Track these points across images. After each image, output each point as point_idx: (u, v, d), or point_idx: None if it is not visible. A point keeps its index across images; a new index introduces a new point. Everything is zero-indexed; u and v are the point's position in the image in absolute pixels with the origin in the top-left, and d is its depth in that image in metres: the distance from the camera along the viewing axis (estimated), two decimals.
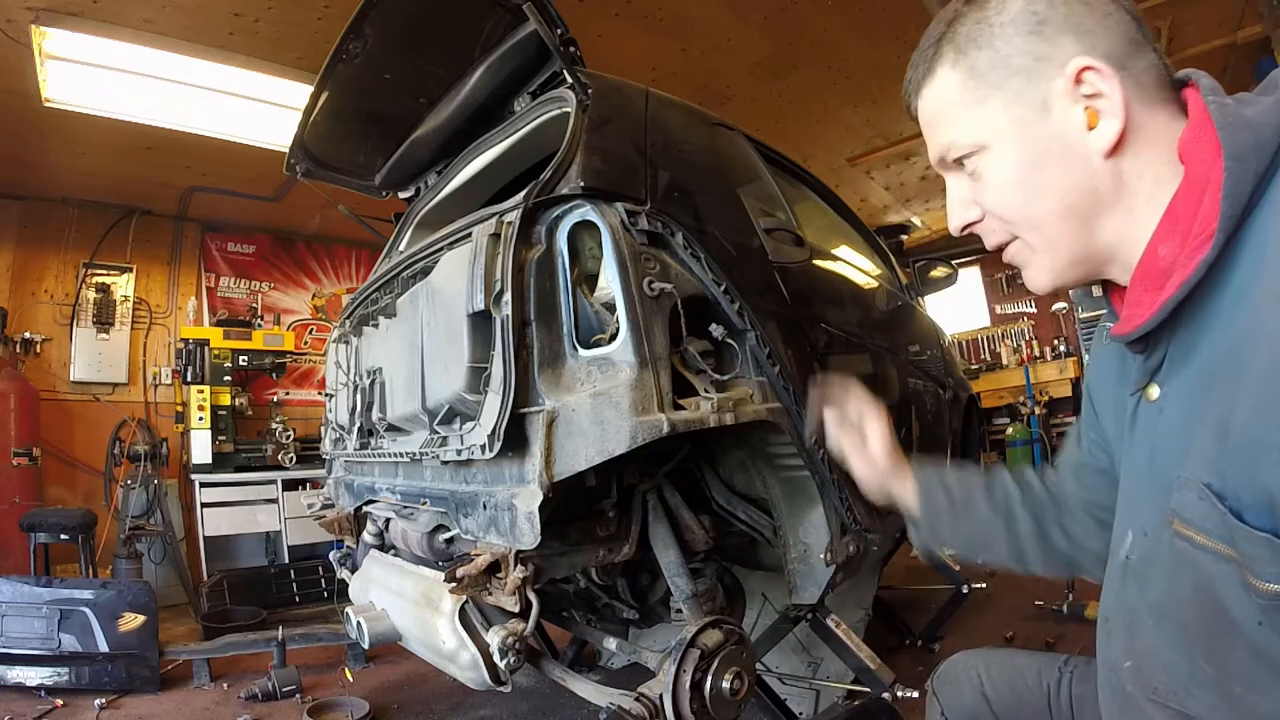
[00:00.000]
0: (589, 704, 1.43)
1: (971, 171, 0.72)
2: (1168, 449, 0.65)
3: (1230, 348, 0.58)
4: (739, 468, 1.69)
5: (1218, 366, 0.59)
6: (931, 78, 0.72)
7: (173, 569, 4.42)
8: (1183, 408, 0.63)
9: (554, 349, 1.27)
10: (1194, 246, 0.59)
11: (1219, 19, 3.77)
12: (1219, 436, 0.57)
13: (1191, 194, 0.60)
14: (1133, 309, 0.66)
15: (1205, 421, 0.59)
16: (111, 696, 2.60)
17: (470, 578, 1.20)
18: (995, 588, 3.34)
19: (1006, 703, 0.97)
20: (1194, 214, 0.59)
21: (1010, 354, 7.25)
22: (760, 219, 1.77)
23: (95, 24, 2.94)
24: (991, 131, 0.68)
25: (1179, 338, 0.64)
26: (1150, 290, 0.63)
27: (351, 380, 1.98)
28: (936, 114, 0.73)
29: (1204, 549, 0.59)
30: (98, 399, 4.72)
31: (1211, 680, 0.61)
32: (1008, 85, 0.67)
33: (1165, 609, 0.66)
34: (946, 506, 1.00)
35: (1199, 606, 0.62)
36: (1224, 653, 0.60)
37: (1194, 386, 0.62)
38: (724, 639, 1.29)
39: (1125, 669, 0.72)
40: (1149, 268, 0.64)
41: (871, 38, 3.73)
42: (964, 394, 3.15)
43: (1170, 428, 0.65)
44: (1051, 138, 0.66)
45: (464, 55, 1.90)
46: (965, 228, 0.75)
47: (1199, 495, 0.58)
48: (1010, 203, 0.69)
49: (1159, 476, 0.65)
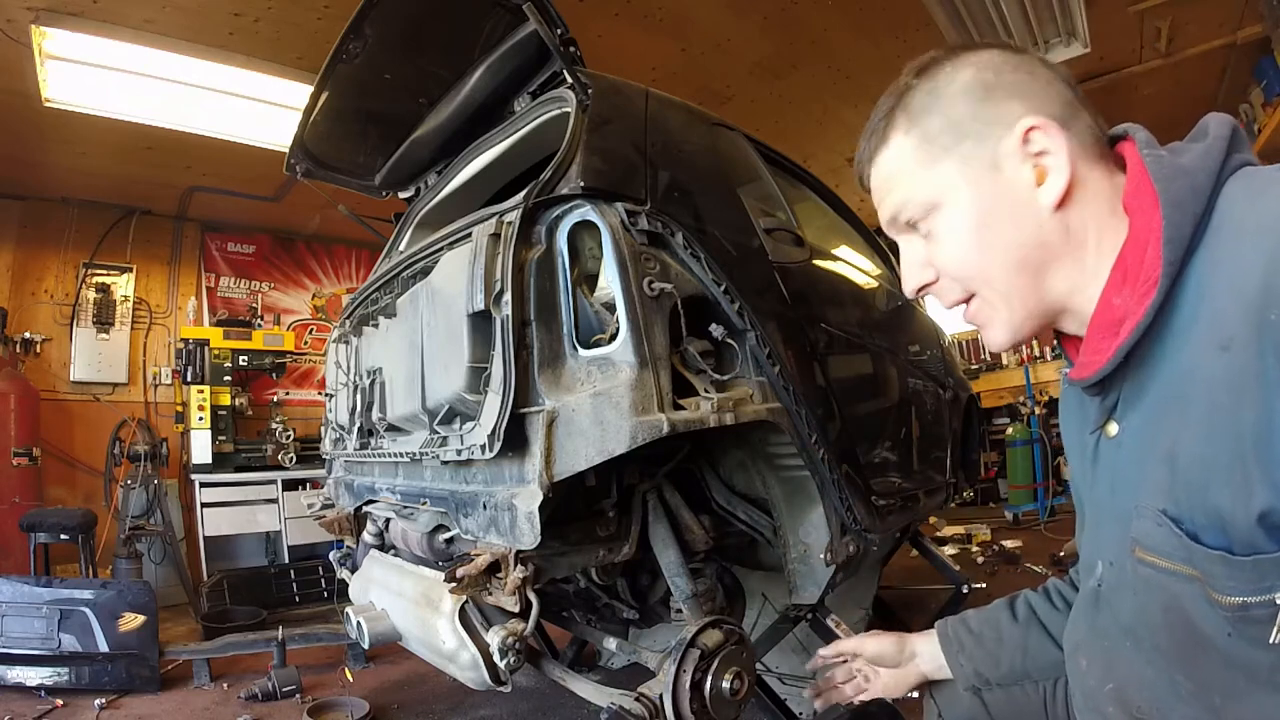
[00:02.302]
0: (589, 704, 1.43)
1: (926, 233, 0.74)
2: (1126, 480, 0.68)
3: (1175, 384, 0.61)
4: (739, 468, 1.69)
5: (1165, 402, 0.62)
6: (885, 145, 0.75)
7: (173, 569, 4.42)
8: (1137, 441, 0.67)
9: (554, 349, 1.27)
10: (1141, 293, 0.62)
11: (1219, 19, 3.77)
12: (1169, 465, 0.61)
13: (1138, 245, 0.64)
14: (1090, 355, 0.68)
15: (1157, 453, 0.62)
16: (111, 696, 2.60)
17: (470, 578, 1.20)
18: (995, 588, 3.34)
19: (1003, 706, 0.98)
20: (1140, 262, 0.63)
21: (1010, 354, 7.24)
22: (760, 219, 1.76)
23: (95, 24, 2.94)
24: (944, 190, 0.71)
25: (1131, 378, 0.67)
26: (1107, 337, 0.66)
27: (351, 380, 1.98)
28: (890, 178, 0.75)
29: (1167, 572, 0.62)
30: (98, 399, 4.72)
31: (1192, 694, 0.64)
32: (958, 148, 0.70)
33: (1139, 632, 0.69)
34: (972, 646, 1.01)
35: (1170, 626, 0.64)
36: (1200, 667, 0.63)
37: (1145, 421, 0.66)
38: (724, 639, 1.29)
39: (1106, 693, 0.74)
40: (1104, 317, 0.67)
41: (871, 38, 3.73)
42: (964, 394, 3.14)
43: (1128, 460, 0.68)
44: (1002, 194, 0.68)
45: (464, 55, 1.90)
46: (921, 289, 0.77)
47: (1156, 522, 0.62)
48: (964, 258, 0.71)
49: (1119, 507, 0.68)
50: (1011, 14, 3.23)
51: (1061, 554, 3.76)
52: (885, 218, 0.78)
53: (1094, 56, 3.63)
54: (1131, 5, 3.57)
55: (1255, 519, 0.53)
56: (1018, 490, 5.68)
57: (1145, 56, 4.07)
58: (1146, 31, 3.83)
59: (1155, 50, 3.98)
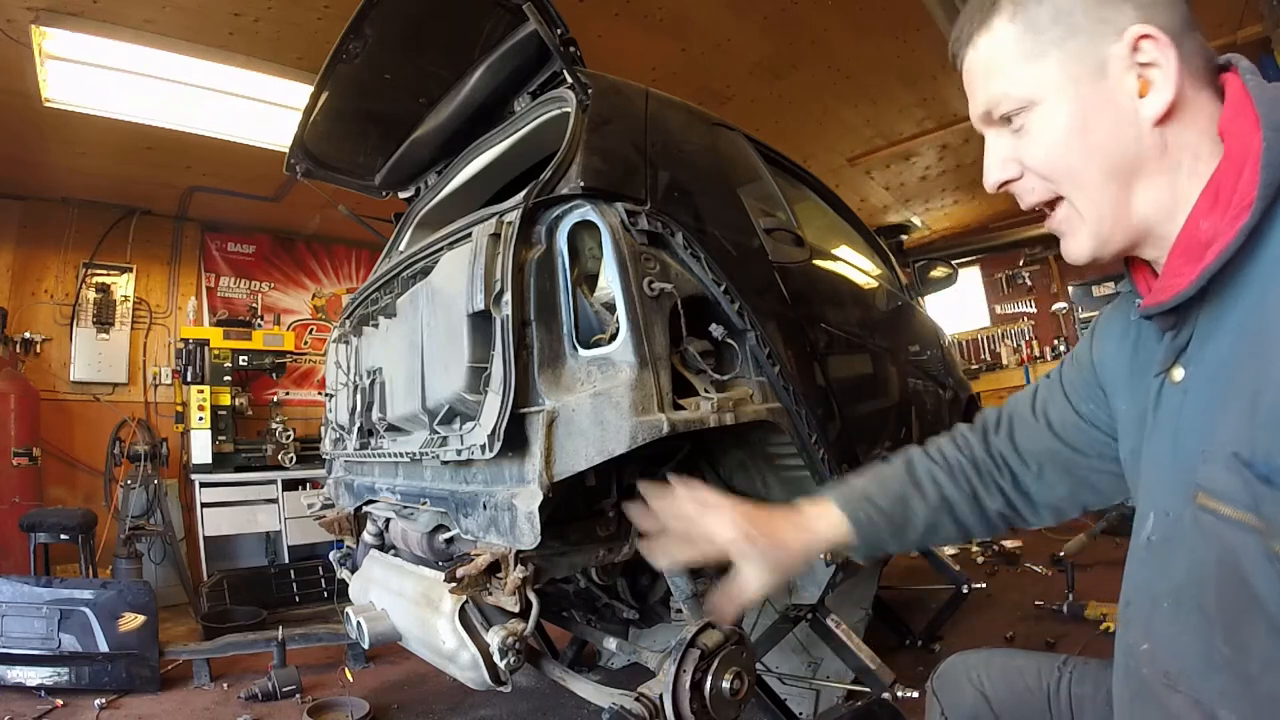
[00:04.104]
0: (589, 704, 1.43)
1: (1019, 128, 0.71)
2: (1192, 427, 0.65)
3: (1261, 317, 0.59)
4: (739, 468, 1.69)
5: (1249, 336, 0.60)
6: (987, 28, 0.71)
7: (173, 569, 4.42)
8: (1210, 383, 0.64)
9: (554, 349, 1.27)
10: (1233, 215, 0.60)
11: (1219, 19, 3.77)
12: (1251, 406, 0.58)
13: (1232, 168, 0.62)
14: (1170, 279, 0.66)
15: (1236, 393, 0.60)
16: (111, 696, 2.61)
17: (470, 578, 1.20)
18: (995, 588, 3.35)
19: (1006, 703, 0.97)
20: (1234, 187, 0.61)
21: (1010, 354, 7.25)
22: (760, 219, 1.77)
23: (95, 24, 2.94)
24: (1045, 87, 0.68)
25: (1208, 312, 0.65)
26: (1190, 262, 0.64)
27: (351, 380, 1.98)
28: (988, 66, 0.72)
29: (1228, 520, 0.60)
30: (98, 399, 4.72)
31: (1228, 662, 0.61)
32: (1065, 44, 0.67)
33: (1185, 590, 0.66)
34: (885, 526, 0.94)
35: (1221, 583, 0.62)
36: (1243, 630, 0.60)
37: (1224, 360, 0.63)
38: (724, 639, 1.29)
39: (1142, 652, 0.72)
40: (1191, 239, 0.64)
41: (871, 38, 3.73)
42: (964, 394, 3.14)
43: (1196, 407, 0.66)
44: (1104, 99, 0.66)
45: (464, 55, 1.90)
46: (1002, 184, 0.74)
47: (1226, 466, 0.59)
48: (1058, 160, 0.69)
49: (1183, 456, 0.66)
50: None
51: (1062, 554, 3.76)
52: (977, 111, 0.74)
53: None
54: None
55: None
56: None
57: None
58: None
59: None
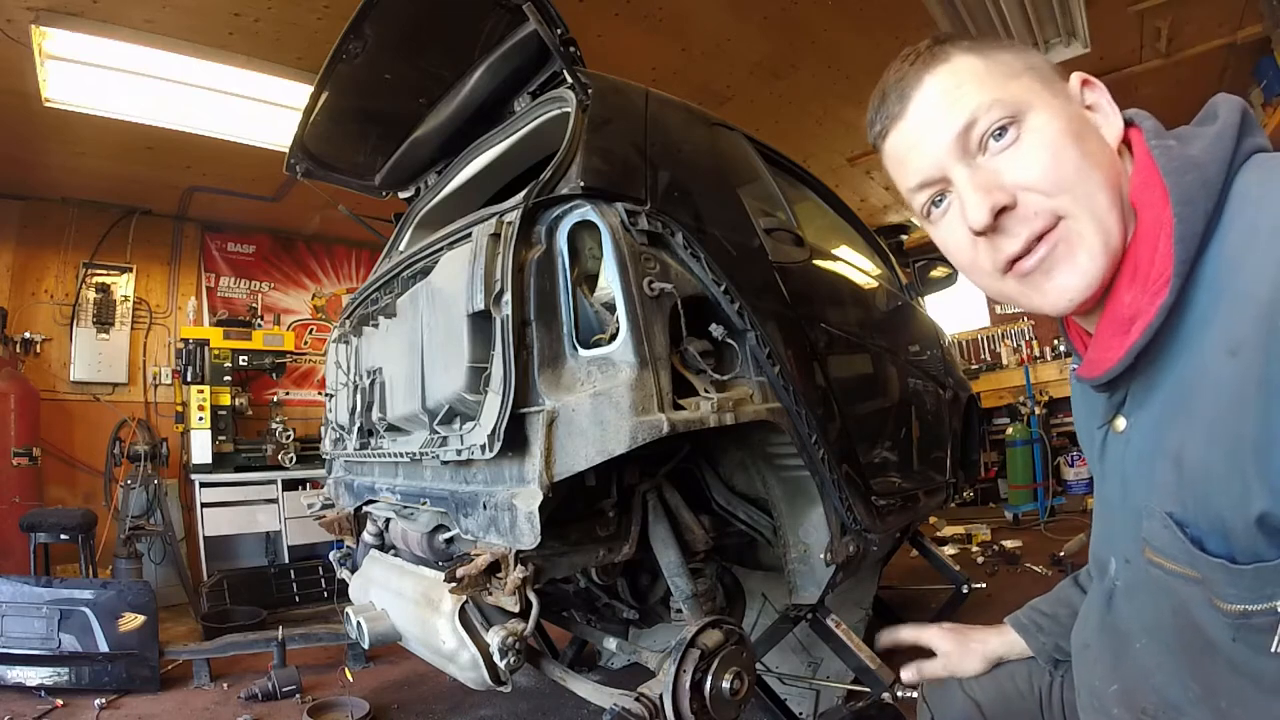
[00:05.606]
0: (589, 704, 1.43)
1: (1011, 141, 0.64)
2: (1137, 478, 0.67)
3: (1183, 387, 0.60)
4: (739, 468, 1.69)
5: (1174, 403, 0.61)
6: (945, 62, 0.67)
7: (173, 569, 4.42)
8: (1146, 440, 0.65)
9: (554, 349, 1.27)
10: (1153, 293, 0.60)
11: (1219, 19, 3.77)
12: (1176, 468, 0.60)
13: (1148, 239, 0.61)
14: (1100, 353, 0.67)
15: (1164, 454, 0.61)
16: (111, 696, 2.60)
17: (470, 578, 1.20)
18: (995, 588, 3.35)
19: (997, 708, 0.97)
20: (1152, 260, 0.61)
21: (1010, 354, 7.24)
22: (760, 219, 1.77)
23: (95, 24, 2.94)
24: (1032, 95, 0.65)
25: (1140, 375, 0.65)
26: (1117, 334, 0.64)
27: (351, 380, 1.98)
28: (961, 86, 0.66)
29: (1174, 574, 0.62)
30: (98, 399, 4.72)
31: (1200, 698, 0.63)
32: (1034, 71, 0.68)
33: (1153, 632, 0.68)
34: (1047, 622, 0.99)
35: (1179, 628, 0.64)
36: (1207, 671, 0.62)
37: (1154, 421, 0.64)
38: (724, 639, 1.29)
39: (1111, 693, 0.73)
40: (1115, 314, 0.64)
41: (871, 38, 3.73)
42: (964, 394, 3.14)
43: (1137, 458, 0.67)
44: (1081, 114, 0.67)
45: (464, 55, 1.90)
46: (999, 211, 0.64)
47: (1163, 524, 0.61)
48: (1063, 165, 0.62)
49: (1131, 505, 0.67)
50: (1011, 14, 3.22)
51: (1061, 554, 3.76)
52: (952, 132, 0.65)
53: (1094, 56, 3.62)
54: (1131, 5, 3.57)
55: (1254, 523, 0.53)
56: (1018, 490, 5.68)
57: (1145, 56, 4.08)
58: (1146, 31, 3.84)
59: (1155, 50, 3.98)
